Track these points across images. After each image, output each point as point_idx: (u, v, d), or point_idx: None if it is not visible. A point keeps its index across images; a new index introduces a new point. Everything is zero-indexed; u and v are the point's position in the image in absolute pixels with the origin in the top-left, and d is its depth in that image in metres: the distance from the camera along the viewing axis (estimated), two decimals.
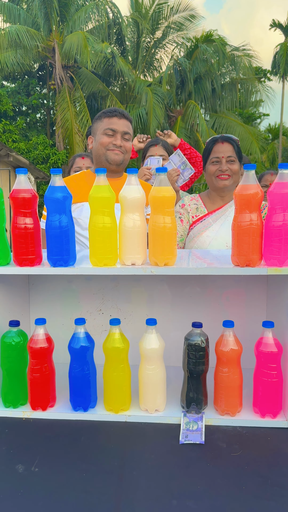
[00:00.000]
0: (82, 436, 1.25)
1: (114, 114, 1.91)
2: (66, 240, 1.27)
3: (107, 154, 1.90)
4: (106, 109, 1.98)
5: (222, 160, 1.97)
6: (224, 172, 1.96)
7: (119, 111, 1.93)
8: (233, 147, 1.99)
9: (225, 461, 1.13)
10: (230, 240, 1.93)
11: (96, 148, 1.94)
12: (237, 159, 1.99)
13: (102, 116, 1.94)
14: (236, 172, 1.99)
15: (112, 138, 1.90)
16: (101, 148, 1.91)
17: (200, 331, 1.30)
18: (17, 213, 1.26)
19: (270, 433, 1.26)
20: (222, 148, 1.98)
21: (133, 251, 1.27)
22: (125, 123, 1.93)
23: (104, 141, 1.90)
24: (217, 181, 1.99)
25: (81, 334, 1.31)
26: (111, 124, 1.90)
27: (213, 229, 1.99)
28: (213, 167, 1.99)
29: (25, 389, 1.38)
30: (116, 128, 1.90)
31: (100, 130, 1.92)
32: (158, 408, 1.33)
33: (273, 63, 21.75)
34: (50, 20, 16.91)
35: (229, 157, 1.97)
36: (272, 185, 1.22)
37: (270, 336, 1.27)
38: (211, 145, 2.02)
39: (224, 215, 2.01)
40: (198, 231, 2.01)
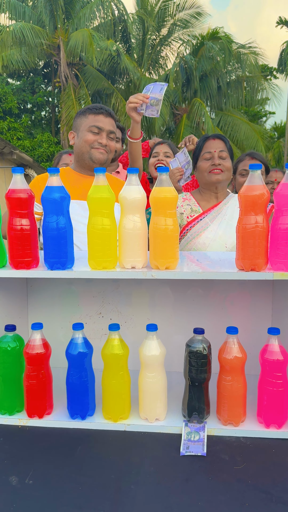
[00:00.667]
0: (79, 445, 1.20)
1: (100, 112, 1.84)
2: (64, 242, 1.22)
3: (92, 152, 1.82)
4: (91, 105, 1.90)
5: (214, 154, 1.93)
6: (217, 166, 1.92)
7: (105, 108, 1.86)
8: (224, 144, 1.96)
9: (227, 475, 1.08)
10: (229, 240, 1.91)
11: (79, 144, 1.85)
12: (229, 156, 1.95)
13: (87, 112, 1.86)
14: (229, 168, 1.95)
15: (98, 136, 1.82)
16: (85, 146, 1.83)
17: (202, 337, 1.25)
18: (13, 214, 1.21)
19: (275, 445, 1.21)
20: (214, 144, 1.96)
21: (133, 253, 1.22)
22: (111, 122, 1.86)
23: (89, 138, 1.82)
24: (210, 176, 1.94)
25: (79, 339, 1.27)
26: (96, 121, 1.83)
27: (212, 229, 1.93)
28: (205, 163, 1.95)
29: (21, 395, 1.33)
30: (102, 126, 1.82)
31: (85, 126, 1.84)
32: (159, 417, 1.28)
33: (279, 61, 21.55)
34: (55, 18, 16.86)
35: (221, 151, 1.93)
36: (279, 186, 1.17)
37: (276, 344, 1.22)
38: (202, 142, 1.99)
39: (220, 214, 1.96)
40: (196, 232, 1.95)
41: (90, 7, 16.67)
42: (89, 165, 1.85)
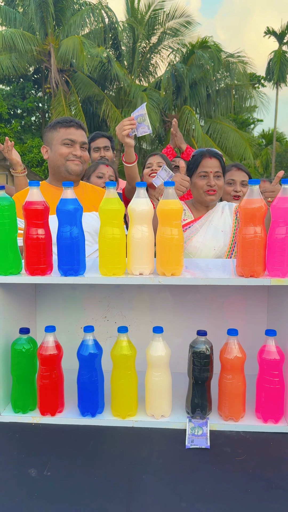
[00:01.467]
0: (91, 441, 1.29)
1: (71, 125, 1.92)
2: (77, 250, 1.31)
3: (67, 164, 1.90)
4: (59, 118, 1.98)
5: (210, 175, 2.04)
6: (212, 187, 2.04)
7: (75, 121, 1.94)
8: (219, 163, 2.07)
9: (230, 465, 1.18)
10: (217, 243, 2.06)
11: (54, 158, 1.92)
12: (222, 174, 2.08)
13: (57, 126, 1.93)
14: (221, 187, 2.08)
15: (72, 149, 1.90)
16: (60, 159, 1.90)
17: (204, 339, 1.35)
18: (29, 224, 1.30)
19: (273, 438, 1.31)
20: (210, 163, 2.05)
21: (141, 261, 1.32)
22: (82, 133, 1.95)
23: (63, 151, 1.89)
24: (205, 195, 2.07)
25: (89, 341, 1.35)
26: (69, 134, 1.90)
27: (201, 234, 2.08)
28: (201, 181, 2.06)
29: (34, 395, 1.41)
30: (75, 139, 1.91)
31: (58, 140, 1.91)
32: (164, 413, 1.38)
33: (267, 70, 22.01)
34: (46, 24, 16.96)
35: (216, 172, 2.05)
36: (275, 200, 1.27)
37: (273, 344, 1.32)
38: (199, 159, 2.07)
39: (208, 220, 2.11)
40: (188, 237, 2.09)
41: (80, 14, 16.83)
42: (65, 178, 1.92)
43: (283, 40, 22.20)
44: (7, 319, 1.43)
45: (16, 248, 1.35)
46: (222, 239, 2.05)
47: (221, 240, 2.05)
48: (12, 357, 1.37)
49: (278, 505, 1.03)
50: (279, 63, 21.24)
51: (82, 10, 17.19)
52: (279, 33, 22.14)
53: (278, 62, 21.19)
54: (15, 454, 1.23)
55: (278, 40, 22.32)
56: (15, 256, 1.34)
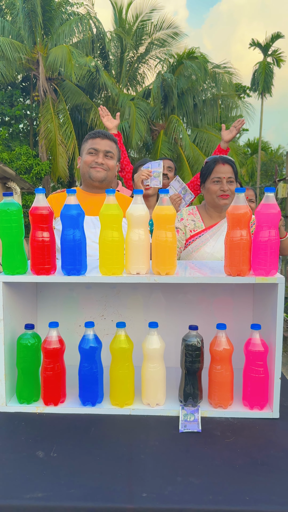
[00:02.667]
0: (92, 427, 1.40)
1: (97, 135, 2.12)
2: (79, 251, 1.43)
3: (90, 171, 2.09)
4: (92, 131, 2.19)
5: (223, 180, 2.14)
6: (226, 192, 2.14)
7: (102, 132, 2.14)
8: (232, 169, 2.18)
9: (220, 446, 1.30)
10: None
11: (82, 167, 2.15)
12: (235, 180, 2.19)
13: (88, 138, 2.16)
14: (234, 192, 2.17)
15: (95, 157, 2.09)
16: (85, 167, 2.11)
17: (196, 333, 1.47)
18: (35, 227, 1.42)
19: (258, 423, 1.43)
20: (223, 169, 2.16)
21: (138, 261, 1.44)
22: (107, 143, 2.12)
23: (87, 160, 2.10)
24: (219, 200, 2.16)
25: (90, 335, 1.47)
26: (94, 144, 2.11)
27: (210, 244, 2.16)
28: (214, 187, 2.16)
29: (37, 386, 1.52)
30: (98, 148, 2.09)
31: (85, 150, 2.13)
32: (159, 402, 1.49)
33: (252, 80, 22.49)
34: (34, 33, 17.11)
35: (229, 178, 2.15)
36: (259, 206, 1.41)
37: (258, 337, 1.45)
38: (212, 165, 2.18)
39: (220, 230, 2.19)
40: (196, 246, 2.18)
41: (69, 24, 17.01)
42: (90, 184, 2.10)
43: (267, 51, 22.76)
44: (13, 316, 1.54)
45: (22, 250, 1.46)
46: None
47: None
48: (18, 351, 1.48)
49: (263, 478, 1.15)
50: (264, 74, 21.76)
51: (70, 20, 17.37)
52: (263, 45, 22.70)
53: (263, 73, 21.72)
54: (23, 439, 1.33)
55: (263, 52, 22.87)
56: (22, 257, 1.46)
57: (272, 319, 1.46)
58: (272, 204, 1.38)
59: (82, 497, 1.07)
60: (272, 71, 22.30)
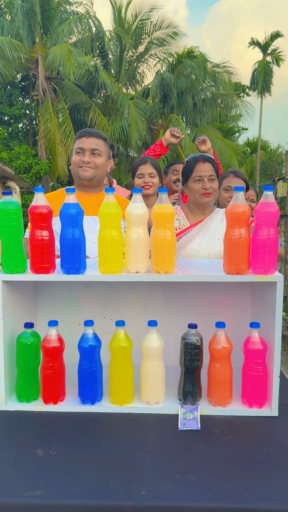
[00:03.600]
0: (92, 425, 1.40)
1: (82, 135, 2.14)
2: (78, 250, 1.43)
3: (78, 171, 2.10)
4: (80, 131, 2.20)
5: (205, 178, 2.14)
6: (208, 190, 2.14)
7: (87, 131, 2.14)
8: (213, 166, 2.19)
9: (219, 444, 1.30)
10: (212, 251, 2.17)
11: (71, 167, 2.17)
12: (216, 178, 2.19)
13: (75, 138, 2.18)
14: (216, 189, 2.18)
15: (81, 156, 2.10)
16: (74, 167, 2.13)
17: (195, 331, 1.48)
18: (35, 226, 1.42)
19: (257, 421, 1.44)
20: (204, 167, 2.16)
21: (137, 260, 1.45)
22: (93, 141, 2.11)
23: (75, 160, 2.12)
24: (201, 198, 2.16)
25: (89, 334, 1.47)
26: (80, 143, 2.12)
27: (196, 241, 2.16)
28: (196, 185, 2.16)
29: (37, 385, 1.52)
30: (84, 147, 2.10)
31: (73, 151, 2.15)
32: (158, 400, 1.50)
33: (251, 80, 22.48)
34: (33, 32, 17.09)
35: (210, 175, 2.16)
36: (258, 205, 1.41)
37: (257, 335, 1.45)
38: (193, 164, 2.19)
39: (205, 227, 2.19)
40: (183, 244, 2.17)
41: (68, 23, 16.99)
42: (80, 183, 2.13)
43: (267, 50, 22.75)
44: (12, 314, 1.54)
45: (22, 249, 1.46)
46: (217, 248, 2.12)
47: (216, 249, 2.12)
48: (18, 349, 1.48)
49: (262, 475, 1.16)
50: (263, 73, 21.75)
51: (69, 19, 17.35)
52: (263, 44, 22.68)
53: (263, 72, 21.71)
54: (22, 437, 1.33)
55: (262, 51, 22.86)
56: (21, 256, 1.46)
57: (271, 317, 1.46)
58: (271, 202, 1.38)
59: (81, 495, 1.08)
60: (272, 70, 22.30)
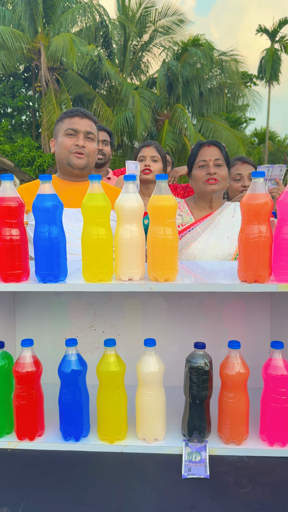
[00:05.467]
0: (74, 470, 1.13)
1: (75, 114, 1.79)
2: (57, 253, 1.15)
3: (70, 158, 1.77)
4: (68, 109, 1.85)
5: (210, 163, 1.83)
6: (212, 175, 1.82)
7: (80, 110, 1.81)
8: (220, 151, 1.86)
9: (233, 500, 1.03)
10: (220, 251, 1.82)
11: (58, 151, 1.82)
12: (225, 164, 1.86)
13: (63, 116, 1.82)
14: (224, 177, 1.86)
15: (74, 139, 1.77)
16: (63, 151, 1.79)
17: (203, 352, 1.19)
18: (2, 223, 1.13)
19: (280, 463, 1.16)
20: (209, 151, 1.86)
21: (130, 265, 1.16)
22: (87, 123, 1.80)
23: (66, 143, 1.77)
24: (205, 185, 1.84)
25: (72, 356, 1.19)
26: (72, 124, 1.78)
27: (202, 239, 1.84)
28: (200, 172, 1.85)
29: (10, 416, 1.25)
30: (78, 128, 1.77)
31: (62, 131, 1.80)
32: (157, 437, 1.22)
33: (259, 68, 21.94)
34: (35, 22, 16.72)
35: (216, 159, 1.83)
36: (282, 195, 1.12)
37: (280, 358, 1.17)
38: (197, 149, 1.90)
39: (213, 223, 1.87)
40: (186, 242, 1.86)
41: (71, 12, 16.59)
42: (69, 171, 1.80)
43: (275, 38, 22.12)
44: None
45: None
46: (227, 247, 1.80)
47: (225, 248, 1.80)
48: None
49: None
50: (271, 61, 21.13)
51: (72, 8, 16.95)
52: (271, 31, 22.05)
53: (270, 60, 21.08)
54: None
55: (270, 38, 22.23)
56: None
57: None
58: None
59: None
60: (280, 58, 21.66)
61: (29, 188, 1.78)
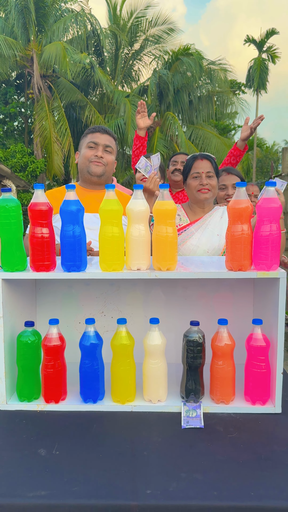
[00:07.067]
0: (94, 424, 1.39)
1: (97, 130, 2.12)
2: (79, 247, 1.41)
3: (89, 166, 2.07)
4: (92, 126, 2.17)
5: (202, 175, 2.15)
6: (205, 186, 2.15)
7: (102, 127, 2.14)
8: (211, 164, 2.19)
9: (223, 441, 1.29)
10: (211, 246, 2.17)
11: (80, 161, 2.13)
12: (215, 175, 2.19)
13: (87, 132, 2.15)
14: (215, 186, 2.19)
15: (94, 151, 2.08)
16: (84, 161, 2.10)
17: (197, 328, 1.46)
18: (35, 224, 1.40)
19: (261, 418, 1.43)
20: (202, 164, 2.18)
21: (138, 257, 1.43)
22: (107, 138, 2.12)
23: (87, 154, 2.09)
24: (198, 194, 2.17)
25: (91, 332, 1.46)
26: (93, 138, 2.10)
27: (196, 237, 2.17)
28: (194, 182, 2.18)
29: (38, 384, 1.50)
30: (98, 141, 2.09)
31: (84, 144, 2.12)
32: (161, 398, 1.48)
33: (247, 77, 22.47)
34: (28, 30, 16.99)
35: (208, 172, 2.16)
36: (260, 200, 1.40)
37: (259, 332, 1.44)
38: (191, 162, 2.22)
39: (204, 224, 2.20)
40: (182, 240, 2.18)
41: (63, 21, 16.90)
42: (89, 179, 2.08)
43: (262, 48, 22.73)
44: (12, 313, 1.52)
45: (21, 246, 1.44)
46: (216, 243, 2.13)
47: (215, 243, 2.13)
48: (18, 348, 1.46)
49: (267, 473, 1.15)
50: (259, 71, 21.73)
51: (65, 17, 17.27)
52: (258, 41, 22.65)
53: (258, 69, 21.69)
54: (24, 437, 1.32)
55: (258, 48, 22.84)
56: (21, 253, 1.44)
57: (273, 314, 1.45)
58: (273, 198, 1.37)
59: (85, 494, 1.06)
60: (267, 68, 22.28)
61: (54, 194, 2.07)
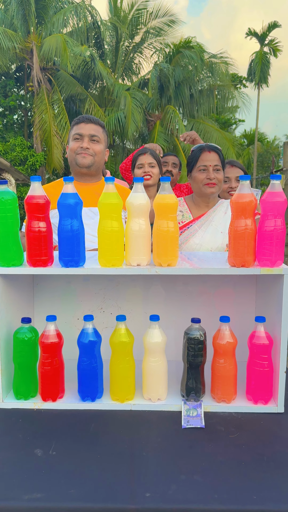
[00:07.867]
0: (92, 423, 1.35)
1: (81, 120, 2.07)
2: (77, 242, 1.37)
3: (76, 158, 2.04)
4: (77, 117, 2.13)
5: (209, 168, 2.07)
6: (212, 180, 2.07)
7: (85, 117, 2.08)
8: (218, 157, 2.11)
9: (224, 442, 1.26)
10: (214, 245, 2.11)
11: (68, 154, 2.10)
12: (221, 168, 2.12)
13: (73, 124, 2.11)
14: (221, 180, 2.11)
15: (80, 142, 2.04)
16: (71, 154, 2.07)
17: (198, 326, 1.43)
18: (31, 217, 1.36)
19: (263, 417, 1.39)
20: (209, 157, 2.09)
21: (138, 252, 1.39)
22: (91, 127, 2.06)
23: (73, 146, 2.05)
24: (205, 188, 2.09)
25: (89, 329, 1.42)
26: (78, 129, 2.06)
27: (199, 235, 2.10)
28: (200, 175, 2.10)
29: (35, 382, 1.47)
30: (82, 132, 2.04)
31: (70, 137, 2.09)
32: (161, 397, 1.45)
33: (248, 71, 22.31)
34: (28, 22, 16.84)
35: (215, 165, 2.08)
36: (265, 194, 1.36)
37: (262, 330, 1.41)
38: (198, 153, 2.12)
39: (208, 220, 2.13)
40: (185, 238, 2.11)
41: (63, 12, 16.74)
42: (78, 171, 2.06)
43: (264, 41, 22.53)
44: (9, 309, 1.49)
45: (18, 241, 1.40)
46: (220, 241, 2.06)
47: (219, 241, 2.06)
48: (14, 345, 1.43)
49: (270, 475, 1.12)
50: (260, 64, 21.56)
51: (65, 9, 17.09)
52: (260, 34, 22.45)
53: (260, 63, 21.52)
54: (20, 437, 1.28)
55: (260, 41, 22.64)
56: (17, 248, 1.40)
57: (277, 311, 1.41)
58: (278, 192, 1.32)
59: (83, 497, 1.03)
60: (269, 61, 22.09)
61: (51, 188, 2.02)
